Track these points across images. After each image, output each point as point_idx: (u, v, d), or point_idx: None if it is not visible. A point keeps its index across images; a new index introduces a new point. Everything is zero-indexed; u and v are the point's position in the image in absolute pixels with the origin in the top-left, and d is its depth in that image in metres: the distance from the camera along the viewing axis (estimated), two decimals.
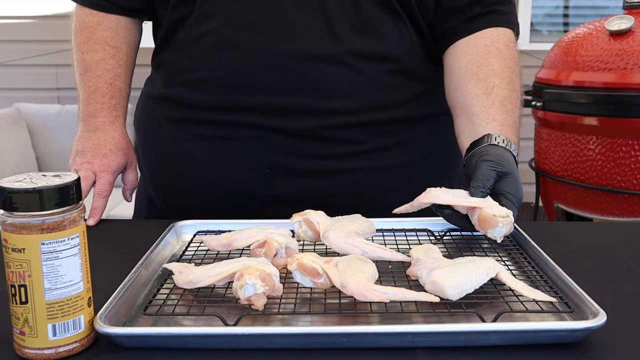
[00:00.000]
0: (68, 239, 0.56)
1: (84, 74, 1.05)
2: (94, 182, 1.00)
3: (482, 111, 0.91)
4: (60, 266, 0.55)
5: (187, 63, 0.99)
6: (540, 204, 2.75)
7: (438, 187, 0.82)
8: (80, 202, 0.58)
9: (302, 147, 0.97)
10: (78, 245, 0.57)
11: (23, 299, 0.55)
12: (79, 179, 0.57)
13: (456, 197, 0.80)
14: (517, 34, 1.01)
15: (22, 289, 0.55)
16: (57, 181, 0.56)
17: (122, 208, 2.98)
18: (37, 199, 0.54)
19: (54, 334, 0.56)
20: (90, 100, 1.04)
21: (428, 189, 0.81)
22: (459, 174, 0.88)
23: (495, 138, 0.86)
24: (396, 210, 0.82)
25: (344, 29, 0.94)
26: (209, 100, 0.98)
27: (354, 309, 0.63)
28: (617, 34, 2.28)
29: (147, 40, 1.11)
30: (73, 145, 1.04)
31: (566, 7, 4.01)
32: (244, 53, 0.95)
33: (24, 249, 0.54)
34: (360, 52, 0.95)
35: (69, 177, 0.57)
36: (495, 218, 0.74)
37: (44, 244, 0.54)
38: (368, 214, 0.83)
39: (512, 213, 0.76)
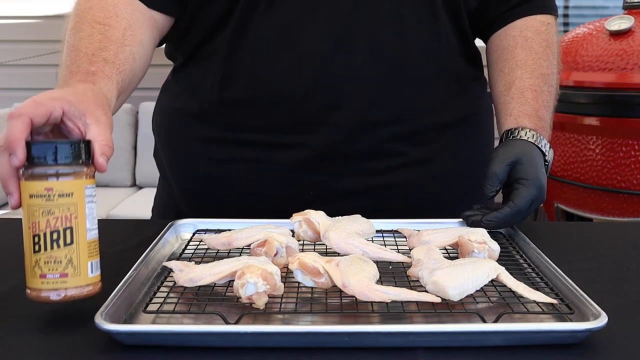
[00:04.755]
0: (95, 186, 0.63)
1: (67, 56, 0.84)
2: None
3: (503, 109, 0.94)
4: (93, 209, 0.62)
5: (221, 81, 0.94)
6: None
7: (431, 230, 0.80)
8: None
9: (347, 166, 0.94)
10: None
11: (68, 241, 0.60)
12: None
13: (441, 238, 0.77)
14: (556, 16, 1.02)
15: (68, 231, 0.60)
16: (76, 138, 0.65)
17: (122, 208, 2.98)
18: (84, 149, 0.61)
19: (92, 272, 0.62)
20: (64, 77, 0.81)
21: (420, 232, 0.80)
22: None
23: (510, 133, 0.87)
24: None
25: (386, 43, 0.92)
26: (249, 121, 0.94)
27: (355, 308, 0.63)
28: (617, 34, 2.28)
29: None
30: None
31: (566, 7, 4.01)
32: (283, 70, 0.91)
33: (72, 193, 0.60)
34: (401, 69, 0.93)
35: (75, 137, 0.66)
36: (471, 243, 0.72)
37: (87, 188, 0.61)
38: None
39: (489, 240, 0.73)
